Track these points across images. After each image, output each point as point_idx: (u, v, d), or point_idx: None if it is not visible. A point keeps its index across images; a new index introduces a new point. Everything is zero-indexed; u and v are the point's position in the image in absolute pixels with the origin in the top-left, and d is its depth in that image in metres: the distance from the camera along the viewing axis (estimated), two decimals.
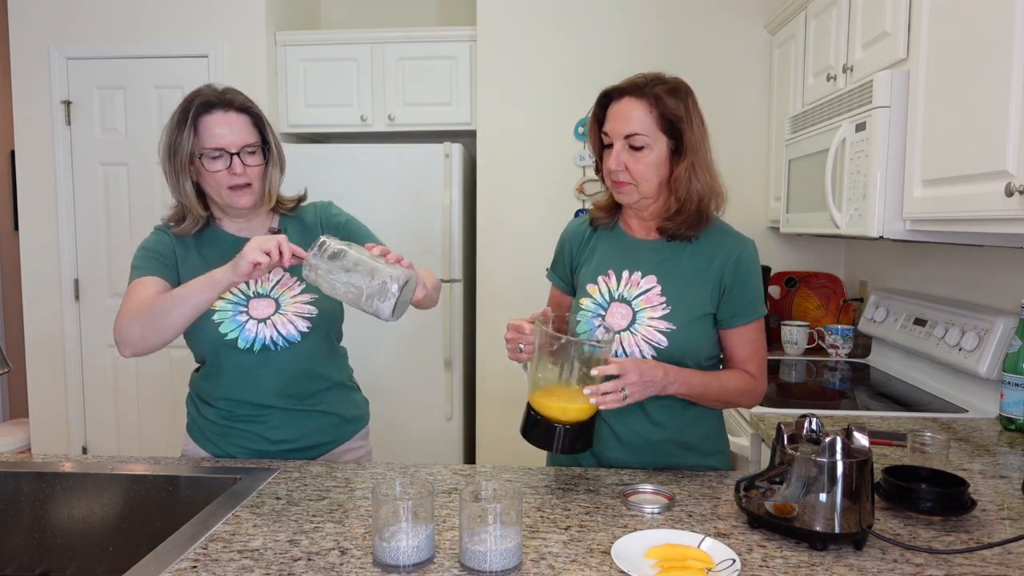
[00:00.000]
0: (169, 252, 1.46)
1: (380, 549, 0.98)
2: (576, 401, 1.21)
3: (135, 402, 3.18)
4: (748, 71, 2.91)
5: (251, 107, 1.43)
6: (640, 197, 1.36)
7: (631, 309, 1.38)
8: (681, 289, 1.37)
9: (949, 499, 1.14)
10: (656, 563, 0.99)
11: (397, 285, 1.21)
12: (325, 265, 1.22)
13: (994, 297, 1.93)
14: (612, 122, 1.35)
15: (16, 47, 3.08)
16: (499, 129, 3.03)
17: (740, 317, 1.37)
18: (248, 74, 3.02)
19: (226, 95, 1.40)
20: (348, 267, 1.22)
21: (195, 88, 1.42)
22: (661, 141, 1.33)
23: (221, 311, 1.42)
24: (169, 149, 1.40)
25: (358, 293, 1.22)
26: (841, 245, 2.98)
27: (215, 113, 1.38)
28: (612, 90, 1.37)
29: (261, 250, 1.24)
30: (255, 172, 1.41)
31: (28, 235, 3.14)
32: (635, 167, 1.33)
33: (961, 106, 1.42)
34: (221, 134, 1.37)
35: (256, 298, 1.45)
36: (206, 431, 1.50)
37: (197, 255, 1.46)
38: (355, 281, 1.21)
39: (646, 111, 1.32)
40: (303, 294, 1.46)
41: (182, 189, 1.42)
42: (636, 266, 1.41)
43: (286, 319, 1.44)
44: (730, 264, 1.36)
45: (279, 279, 1.47)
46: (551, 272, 1.56)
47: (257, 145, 1.42)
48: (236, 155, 1.38)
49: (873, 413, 1.85)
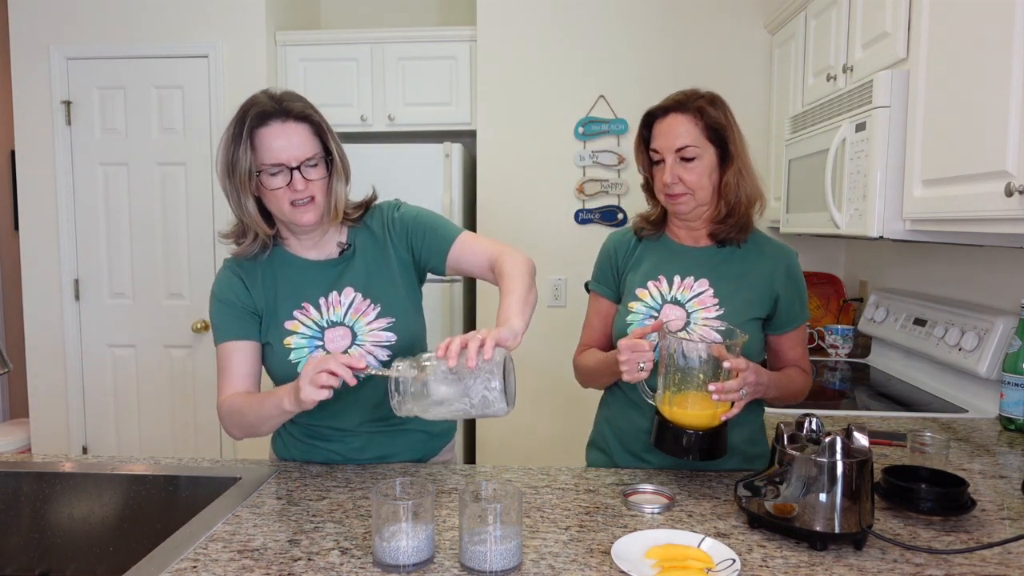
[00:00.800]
0: (244, 296, 1.37)
1: (380, 549, 0.99)
2: (709, 407, 1.23)
3: (135, 402, 3.18)
4: (748, 71, 2.91)
5: (311, 115, 1.31)
6: (696, 205, 1.43)
7: (685, 311, 1.43)
8: (733, 292, 1.43)
9: (949, 499, 1.14)
10: (656, 563, 0.99)
11: (497, 390, 1.08)
12: (414, 405, 1.11)
13: (994, 297, 1.93)
14: (661, 139, 1.41)
15: (16, 47, 3.07)
16: (499, 129, 3.03)
17: (794, 321, 1.48)
18: (248, 74, 3.02)
19: (283, 103, 1.28)
20: (438, 400, 1.09)
21: (250, 97, 1.31)
22: (709, 150, 1.40)
23: (297, 348, 1.35)
24: (227, 167, 1.29)
25: (464, 413, 1.11)
26: (841, 245, 2.98)
27: (272, 124, 1.26)
28: (656, 109, 1.44)
29: (316, 386, 1.13)
30: (318, 186, 1.30)
31: (28, 235, 3.14)
32: (688, 177, 1.39)
33: (961, 106, 1.42)
34: (279, 147, 1.26)
35: (331, 327, 1.36)
36: (290, 446, 1.46)
37: (270, 281, 1.38)
38: (455, 408, 1.10)
39: (692, 123, 1.39)
40: (379, 318, 1.37)
41: (244, 208, 1.31)
42: (688, 271, 1.46)
43: (364, 351, 1.36)
44: (780, 273, 1.45)
45: (351, 302, 1.37)
46: (595, 283, 1.58)
47: (319, 157, 1.31)
48: (296, 169, 1.27)
49: (873, 413, 1.85)
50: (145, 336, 3.15)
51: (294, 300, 1.37)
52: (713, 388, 1.20)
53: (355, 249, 1.41)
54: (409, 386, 1.10)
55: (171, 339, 3.14)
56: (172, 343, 3.14)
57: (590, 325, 1.58)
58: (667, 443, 1.27)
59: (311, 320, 1.37)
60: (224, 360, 1.36)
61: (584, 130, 2.98)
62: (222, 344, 1.37)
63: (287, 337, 1.36)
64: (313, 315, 1.37)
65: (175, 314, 3.12)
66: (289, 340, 1.36)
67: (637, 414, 1.47)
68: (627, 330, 1.44)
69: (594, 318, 1.57)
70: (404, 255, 1.42)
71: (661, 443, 1.28)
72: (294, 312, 1.37)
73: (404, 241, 1.42)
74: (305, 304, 1.37)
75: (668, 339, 1.25)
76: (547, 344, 3.01)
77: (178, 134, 3.06)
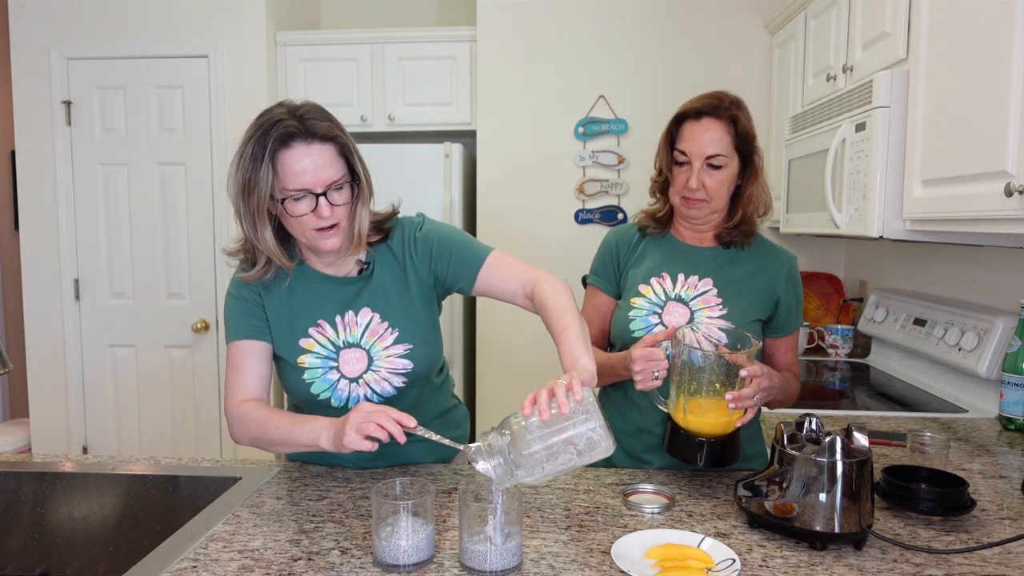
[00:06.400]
0: (257, 300, 1.31)
1: (380, 549, 0.99)
2: (724, 415, 1.23)
3: (135, 402, 3.18)
4: (748, 71, 2.91)
5: (337, 135, 1.22)
6: (711, 211, 1.44)
7: (688, 309, 1.43)
8: (736, 293, 1.44)
9: (949, 499, 1.14)
10: (656, 563, 0.99)
11: (599, 428, 1.01)
12: (518, 472, 1.01)
13: (994, 297, 1.93)
14: (692, 143, 1.40)
15: (16, 47, 3.07)
16: (499, 129, 3.04)
17: (792, 325, 1.50)
18: (248, 74, 3.02)
19: (307, 122, 1.18)
20: (541, 459, 1.01)
21: (266, 110, 1.22)
22: (734, 159, 1.41)
23: (311, 368, 1.30)
24: (244, 189, 1.19)
25: (571, 463, 1.02)
26: (841, 245, 2.98)
27: (296, 147, 1.17)
28: (689, 111, 1.42)
29: (362, 435, 1.08)
30: (343, 211, 1.22)
31: (28, 235, 3.14)
32: (711, 184, 1.40)
33: (961, 106, 1.42)
34: (303, 171, 1.17)
35: (347, 348, 1.30)
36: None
37: (286, 294, 1.32)
38: (560, 461, 1.01)
39: (724, 131, 1.39)
40: (396, 344, 1.31)
41: (260, 236, 1.22)
42: (692, 270, 1.46)
43: (379, 376, 1.30)
44: (782, 277, 1.46)
45: (368, 323, 1.31)
46: (595, 278, 1.57)
47: (345, 180, 1.22)
48: (323, 195, 1.19)
49: (873, 413, 1.85)
50: (145, 336, 3.15)
51: (310, 316, 1.31)
52: (730, 397, 1.20)
53: (374, 268, 1.34)
54: (508, 454, 1.01)
55: (171, 339, 3.14)
56: (172, 343, 3.14)
57: (587, 320, 1.55)
58: (681, 450, 1.27)
59: (327, 339, 1.31)
60: (238, 359, 1.30)
61: (584, 130, 2.98)
62: (236, 342, 1.30)
63: (301, 356, 1.30)
64: (329, 333, 1.31)
65: (175, 314, 3.12)
66: (303, 359, 1.30)
67: (638, 414, 1.46)
68: (629, 326, 1.44)
69: (591, 312, 1.55)
70: (426, 278, 1.35)
71: (674, 450, 1.28)
72: (309, 329, 1.31)
73: (427, 264, 1.34)
74: (321, 321, 1.31)
75: (682, 347, 1.24)
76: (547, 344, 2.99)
77: (178, 134, 3.06)
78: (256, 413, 1.24)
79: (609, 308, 1.53)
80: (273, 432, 1.21)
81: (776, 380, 1.31)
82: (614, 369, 1.38)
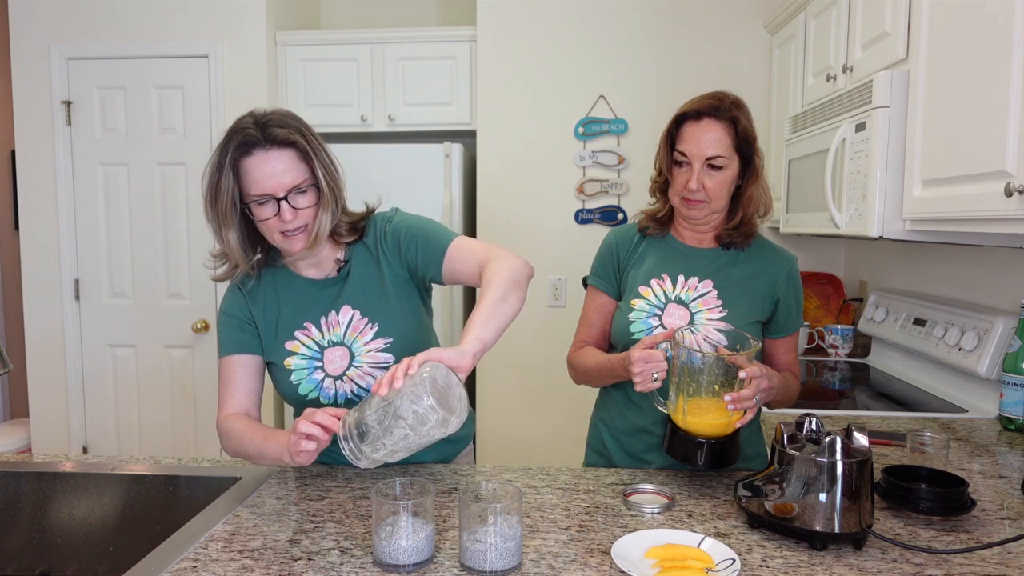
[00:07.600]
0: (246, 314, 1.37)
1: (380, 549, 0.99)
2: (724, 416, 1.23)
3: (135, 402, 3.18)
4: (748, 71, 2.91)
5: (296, 140, 1.24)
6: (710, 212, 1.43)
7: (688, 311, 1.43)
8: (736, 295, 1.44)
9: (949, 499, 1.14)
10: (656, 563, 0.99)
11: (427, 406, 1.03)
12: (366, 448, 1.06)
13: (994, 297, 1.93)
14: (692, 143, 1.39)
15: (16, 47, 3.07)
16: (499, 129, 3.03)
17: (792, 326, 1.50)
18: (248, 74, 3.02)
19: (267, 129, 1.22)
20: (378, 433, 1.05)
21: (238, 118, 1.26)
22: (735, 160, 1.40)
23: (297, 370, 1.34)
24: (210, 195, 1.25)
25: (410, 440, 1.05)
26: (841, 245, 2.98)
27: (256, 154, 1.22)
28: (690, 111, 1.41)
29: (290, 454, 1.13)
30: (309, 213, 1.26)
31: (28, 235, 3.14)
32: (711, 185, 1.39)
33: (961, 106, 1.42)
34: (263, 177, 1.21)
35: (331, 347, 1.34)
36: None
37: (272, 300, 1.37)
38: (398, 436, 1.05)
39: (725, 132, 1.38)
40: (376, 339, 1.33)
41: (225, 239, 1.28)
42: (692, 272, 1.46)
43: (362, 372, 1.33)
44: (782, 278, 1.46)
45: (349, 321, 1.34)
46: (595, 279, 1.56)
47: (309, 184, 1.26)
48: (284, 199, 1.23)
49: (873, 413, 1.85)
50: (145, 336, 3.15)
51: (296, 320, 1.35)
52: (729, 399, 1.20)
53: (351, 266, 1.37)
54: (353, 429, 1.06)
55: (171, 339, 3.14)
56: (172, 343, 3.14)
57: (587, 321, 1.56)
58: (681, 452, 1.27)
59: (312, 340, 1.35)
60: (227, 374, 1.35)
61: (584, 130, 2.98)
62: (225, 357, 1.36)
63: (288, 358, 1.34)
64: (314, 335, 1.35)
65: (175, 314, 3.12)
66: (289, 361, 1.34)
67: (637, 415, 1.47)
68: (629, 328, 1.44)
69: (592, 314, 1.55)
70: (400, 270, 1.37)
71: (674, 451, 1.28)
72: (296, 332, 1.35)
73: (397, 255, 1.37)
74: (307, 324, 1.35)
75: (681, 349, 1.24)
76: (547, 344, 3.01)
77: (178, 134, 3.06)
78: (236, 427, 1.30)
79: (610, 309, 1.53)
80: (248, 446, 1.27)
81: (776, 380, 1.30)
82: (614, 370, 1.38)
